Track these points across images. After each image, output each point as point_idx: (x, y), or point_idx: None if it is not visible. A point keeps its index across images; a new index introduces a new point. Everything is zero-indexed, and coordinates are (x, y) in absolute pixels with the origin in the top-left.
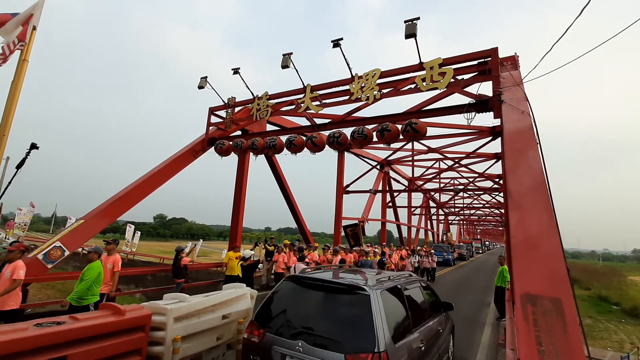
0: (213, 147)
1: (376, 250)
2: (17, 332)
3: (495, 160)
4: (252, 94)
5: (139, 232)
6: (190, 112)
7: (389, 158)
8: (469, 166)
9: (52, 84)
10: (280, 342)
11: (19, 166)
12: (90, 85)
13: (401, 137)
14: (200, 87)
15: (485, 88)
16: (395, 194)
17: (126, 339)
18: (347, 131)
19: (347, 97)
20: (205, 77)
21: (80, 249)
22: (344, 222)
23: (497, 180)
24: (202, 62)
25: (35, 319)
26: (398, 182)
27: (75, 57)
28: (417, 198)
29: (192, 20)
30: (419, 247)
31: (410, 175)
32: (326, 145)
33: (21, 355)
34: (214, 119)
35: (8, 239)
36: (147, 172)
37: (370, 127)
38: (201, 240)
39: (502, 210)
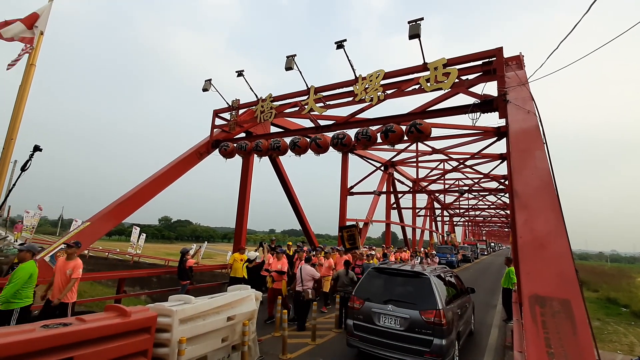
0: (217, 149)
1: (372, 252)
2: (25, 333)
3: (500, 160)
4: (256, 96)
5: (144, 234)
6: (196, 114)
7: (393, 159)
8: (474, 167)
9: (57, 88)
10: (376, 306)
11: (23, 168)
12: (96, 88)
13: (405, 138)
14: (205, 89)
15: (490, 88)
16: (400, 195)
17: (132, 340)
18: (351, 132)
19: (351, 99)
20: (210, 80)
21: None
22: (348, 224)
23: (502, 181)
24: (207, 65)
25: (42, 320)
26: (402, 183)
27: (80, 61)
28: (422, 199)
29: (196, 24)
30: (422, 249)
31: (415, 177)
32: (330, 147)
33: (29, 357)
34: (218, 121)
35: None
36: (152, 175)
37: (374, 128)
38: (206, 242)
39: (508, 212)
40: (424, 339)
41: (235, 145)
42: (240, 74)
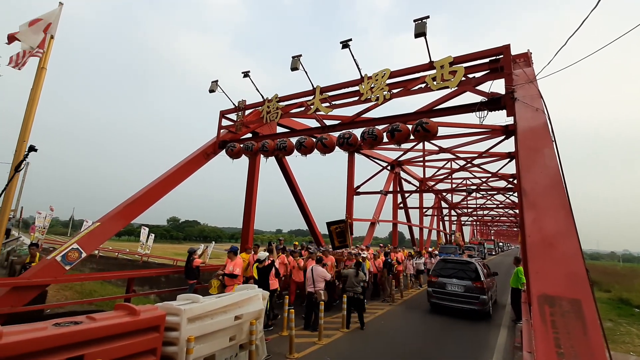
0: (224, 150)
1: (364, 253)
2: (37, 331)
3: (508, 159)
4: (262, 97)
5: (153, 235)
6: (203, 115)
7: (400, 159)
8: (482, 166)
9: (66, 91)
10: (445, 279)
11: (17, 168)
12: (104, 90)
13: (412, 137)
14: (211, 90)
15: (497, 86)
16: (407, 194)
17: (141, 339)
18: (357, 132)
19: (356, 98)
20: (216, 81)
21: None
22: (357, 221)
23: (510, 180)
24: (213, 67)
25: (54, 318)
26: (409, 182)
27: (87, 63)
28: (429, 199)
29: (202, 26)
30: (423, 250)
31: (422, 176)
32: (336, 147)
33: (41, 354)
34: (224, 122)
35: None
36: (159, 176)
37: (380, 127)
38: (213, 242)
39: (517, 211)
40: (474, 295)
41: (241, 145)
42: (246, 74)
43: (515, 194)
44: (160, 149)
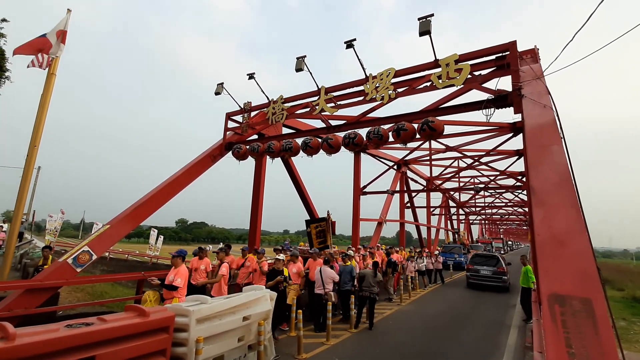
0: (231, 152)
1: (351, 252)
2: (50, 332)
3: (517, 157)
4: (268, 98)
5: (162, 237)
6: (211, 118)
7: (406, 158)
8: (490, 164)
9: (78, 97)
10: (478, 266)
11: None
12: (115, 94)
13: (418, 136)
14: (217, 93)
15: (504, 83)
16: (414, 194)
17: (151, 340)
18: (363, 132)
19: (361, 98)
20: (222, 84)
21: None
22: (363, 221)
23: (519, 177)
24: (218, 70)
25: (66, 320)
26: (416, 182)
27: (96, 69)
28: (436, 198)
29: (208, 30)
30: (436, 249)
31: (428, 175)
32: (342, 147)
33: (54, 355)
34: (230, 124)
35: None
36: (167, 178)
37: (386, 127)
38: (221, 243)
39: (526, 209)
40: (498, 277)
41: (247, 147)
42: (251, 76)
43: (524, 192)
44: (164, 154)
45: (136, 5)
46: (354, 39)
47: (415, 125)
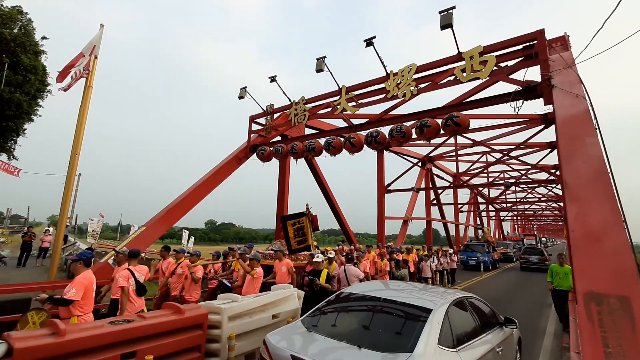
0: (255, 154)
1: (331, 254)
2: (95, 329)
3: (550, 149)
4: (289, 100)
5: (193, 237)
6: (235, 121)
7: (431, 154)
8: (520, 158)
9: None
10: (528, 255)
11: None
12: (147, 102)
13: (442, 131)
14: (241, 97)
15: (533, 73)
16: (440, 190)
17: (186, 336)
18: (385, 130)
19: (383, 96)
20: (245, 88)
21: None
22: (388, 219)
23: (553, 171)
24: (240, 74)
25: (107, 317)
26: (442, 178)
27: (122, 77)
28: (464, 194)
29: (228, 35)
30: (449, 248)
31: (455, 171)
32: (364, 145)
33: (99, 350)
34: (254, 127)
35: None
36: (196, 182)
37: (408, 124)
38: (250, 243)
39: (561, 204)
40: (543, 262)
41: (271, 149)
42: (273, 79)
43: (559, 186)
44: (192, 158)
45: (163, 17)
46: (374, 37)
47: (439, 121)
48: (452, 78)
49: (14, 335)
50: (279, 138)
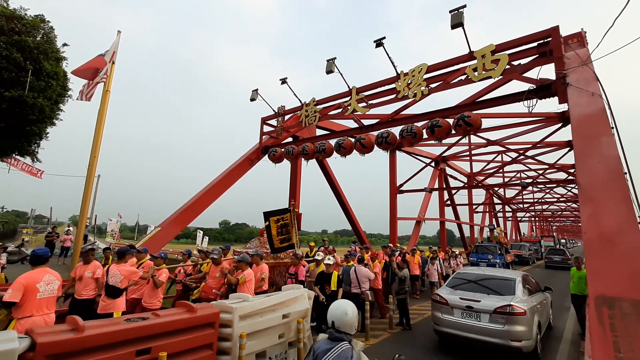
0: (267, 155)
1: (318, 256)
2: (112, 325)
3: (568, 149)
4: (300, 101)
5: (207, 237)
6: (246, 122)
7: (444, 154)
8: (537, 157)
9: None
10: (552, 256)
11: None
12: (164, 105)
13: (453, 131)
14: (252, 99)
15: (547, 71)
16: (454, 191)
17: (199, 334)
18: (396, 130)
19: (393, 96)
20: (256, 90)
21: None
22: (401, 220)
23: (571, 171)
24: (252, 75)
25: (124, 315)
26: (456, 178)
27: (141, 84)
28: (479, 195)
29: (243, 39)
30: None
31: (469, 171)
32: (375, 146)
33: (116, 346)
34: (266, 128)
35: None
36: (209, 183)
37: (419, 124)
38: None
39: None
40: (565, 261)
41: (283, 150)
42: (284, 81)
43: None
44: (207, 160)
45: (178, 22)
46: (384, 37)
47: (451, 121)
48: (463, 77)
49: (36, 330)
50: (290, 139)
